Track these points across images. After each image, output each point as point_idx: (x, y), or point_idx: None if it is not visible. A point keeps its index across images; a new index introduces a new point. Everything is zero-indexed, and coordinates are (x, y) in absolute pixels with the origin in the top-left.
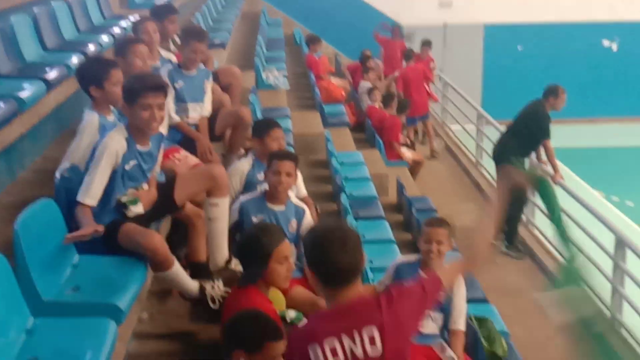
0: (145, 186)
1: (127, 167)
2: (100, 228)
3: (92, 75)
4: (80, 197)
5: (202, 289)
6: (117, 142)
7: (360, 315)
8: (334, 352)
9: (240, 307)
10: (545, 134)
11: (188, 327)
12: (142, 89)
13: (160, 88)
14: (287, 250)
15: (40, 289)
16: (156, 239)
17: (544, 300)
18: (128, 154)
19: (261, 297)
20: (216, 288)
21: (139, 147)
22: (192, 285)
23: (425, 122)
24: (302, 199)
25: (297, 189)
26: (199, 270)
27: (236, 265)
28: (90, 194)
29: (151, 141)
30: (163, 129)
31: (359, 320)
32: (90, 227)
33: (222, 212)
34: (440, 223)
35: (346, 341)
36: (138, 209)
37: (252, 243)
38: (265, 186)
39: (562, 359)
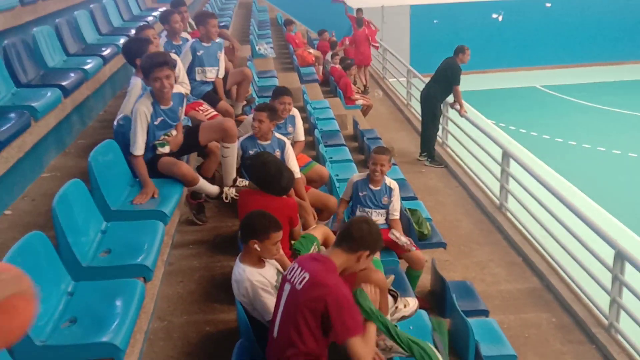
0: (173, 132)
1: (156, 123)
2: (157, 194)
3: (136, 50)
4: (132, 150)
5: (221, 191)
6: (144, 107)
7: (311, 265)
8: (294, 271)
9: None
10: (456, 81)
11: (214, 223)
12: (151, 66)
13: (164, 63)
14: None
15: (109, 202)
16: (183, 167)
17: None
18: (154, 113)
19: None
20: (231, 191)
21: (162, 107)
22: (214, 189)
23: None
24: (296, 142)
25: (297, 133)
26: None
27: (240, 182)
28: (137, 146)
29: (173, 100)
30: (183, 90)
31: (307, 266)
32: (149, 192)
33: (231, 152)
34: (383, 151)
35: (299, 270)
36: (165, 149)
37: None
38: None
39: (466, 234)
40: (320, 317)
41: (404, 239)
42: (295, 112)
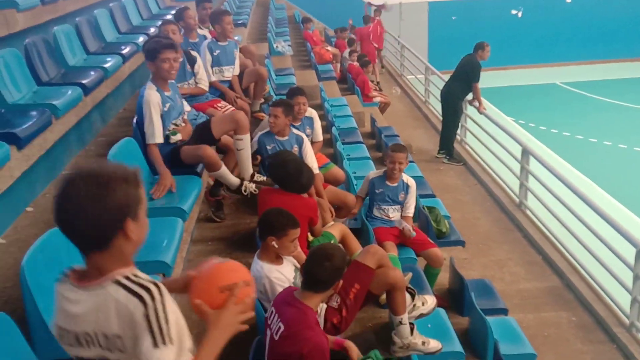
0: (181, 123)
1: (165, 109)
2: (174, 187)
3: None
4: (150, 140)
5: (242, 182)
6: (153, 95)
7: (286, 314)
8: (271, 317)
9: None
10: (476, 78)
11: (233, 220)
12: (160, 47)
13: (172, 46)
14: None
15: None
16: (207, 149)
17: None
18: (162, 100)
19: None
20: (251, 184)
21: (165, 93)
22: (235, 180)
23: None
24: (314, 143)
25: (315, 134)
26: None
27: (258, 177)
28: (157, 134)
29: (170, 87)
30: (197, 87)
31: (283, 314)
32: (167, 183)
33: (245, 144)
34: (400, 148)
35: (275, 317)
36: (177, 137)
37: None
38: None
39: (485, 232)
40: None
41: (405, 224)
42: (313, 113)
